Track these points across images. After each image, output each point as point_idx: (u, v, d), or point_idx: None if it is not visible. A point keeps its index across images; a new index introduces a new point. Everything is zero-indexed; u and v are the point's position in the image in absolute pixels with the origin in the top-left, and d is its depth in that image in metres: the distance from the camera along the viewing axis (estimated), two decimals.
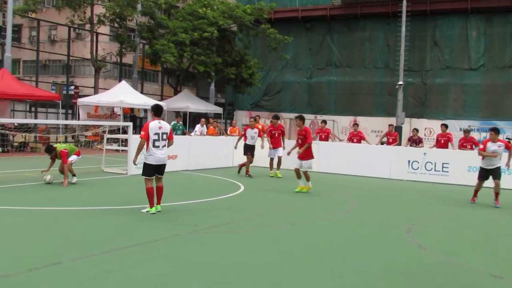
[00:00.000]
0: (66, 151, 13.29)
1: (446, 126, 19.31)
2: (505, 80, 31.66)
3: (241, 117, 38.71)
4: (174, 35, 29.52)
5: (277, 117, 18.03)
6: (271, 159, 17.60)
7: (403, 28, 29.60)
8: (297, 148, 14.05)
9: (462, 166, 17.37)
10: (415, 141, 19.76)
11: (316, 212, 11.21)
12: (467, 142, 18.21)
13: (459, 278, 6.64)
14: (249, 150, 17.48)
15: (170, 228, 8.59)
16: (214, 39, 31.20)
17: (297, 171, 13.80)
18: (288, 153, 14.66)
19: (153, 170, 9.77)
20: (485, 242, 8.89)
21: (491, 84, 31.76)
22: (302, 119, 13.95)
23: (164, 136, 9.78)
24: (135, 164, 10.46)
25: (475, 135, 24.72)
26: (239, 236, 8.50)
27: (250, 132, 17.59)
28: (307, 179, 13.58)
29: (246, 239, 8.27)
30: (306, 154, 13.67)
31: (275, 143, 17.36)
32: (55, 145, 13.71)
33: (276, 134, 17.44)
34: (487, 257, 7.79)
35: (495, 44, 31.99)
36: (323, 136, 20.54)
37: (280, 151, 17.39)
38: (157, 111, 9.96)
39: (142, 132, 9.75)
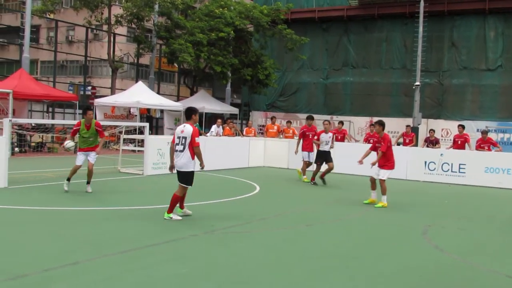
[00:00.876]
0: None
1: (463, 127, 19.21)
2: None
3: (257, 117, 38.65)
4: (192, 35, 29.58)
5: (311, 118, 17.10)
6: (305, 163, 16.66)
7: (421, 29, 29.41)
8: (370, 155, 12.56)
9: (479, 167, 17.27)
10: (432, 142, 19.67)
11: (332, 213, 11.19)
12: (484, 143, 18.11)
13: (475, 279, 6.62)
14: (322, 157, 15.90)
15: (187, 228, 8.62)
16: (231, 39, 31.22)
17: (372, 180, 12.30)
18: (360, 162, 12.49)
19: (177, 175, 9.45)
20: (501, 244, 8.81)
21: (509, 85, 31.34)
22: (382, 124, 12.18)
23: (183, 141, 9.17)
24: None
25: (493, 136, 24.47)
26: (256, 236, 8.52)
27: (325, 137, 15.85)
28: (383, 191, 12.01)
29: (262, 239, 8.29)
30: (385, 163, 12.00)
31: (309, 146, 16.58)
32: None
33: (310, 135, 16.60)
34: (504, 258, 7.73)
35: None
36: (339, 137, 20.48)
37: (313, 156, 16.55)
38: (186, 114, 9.58)
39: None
